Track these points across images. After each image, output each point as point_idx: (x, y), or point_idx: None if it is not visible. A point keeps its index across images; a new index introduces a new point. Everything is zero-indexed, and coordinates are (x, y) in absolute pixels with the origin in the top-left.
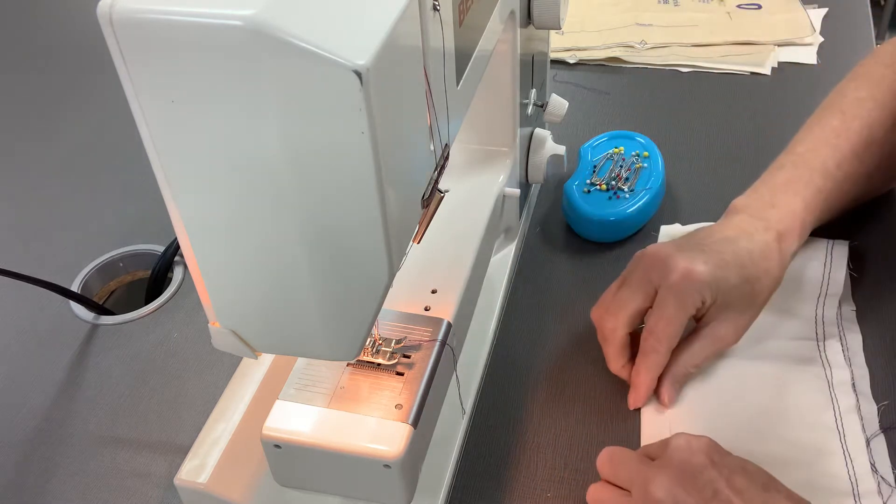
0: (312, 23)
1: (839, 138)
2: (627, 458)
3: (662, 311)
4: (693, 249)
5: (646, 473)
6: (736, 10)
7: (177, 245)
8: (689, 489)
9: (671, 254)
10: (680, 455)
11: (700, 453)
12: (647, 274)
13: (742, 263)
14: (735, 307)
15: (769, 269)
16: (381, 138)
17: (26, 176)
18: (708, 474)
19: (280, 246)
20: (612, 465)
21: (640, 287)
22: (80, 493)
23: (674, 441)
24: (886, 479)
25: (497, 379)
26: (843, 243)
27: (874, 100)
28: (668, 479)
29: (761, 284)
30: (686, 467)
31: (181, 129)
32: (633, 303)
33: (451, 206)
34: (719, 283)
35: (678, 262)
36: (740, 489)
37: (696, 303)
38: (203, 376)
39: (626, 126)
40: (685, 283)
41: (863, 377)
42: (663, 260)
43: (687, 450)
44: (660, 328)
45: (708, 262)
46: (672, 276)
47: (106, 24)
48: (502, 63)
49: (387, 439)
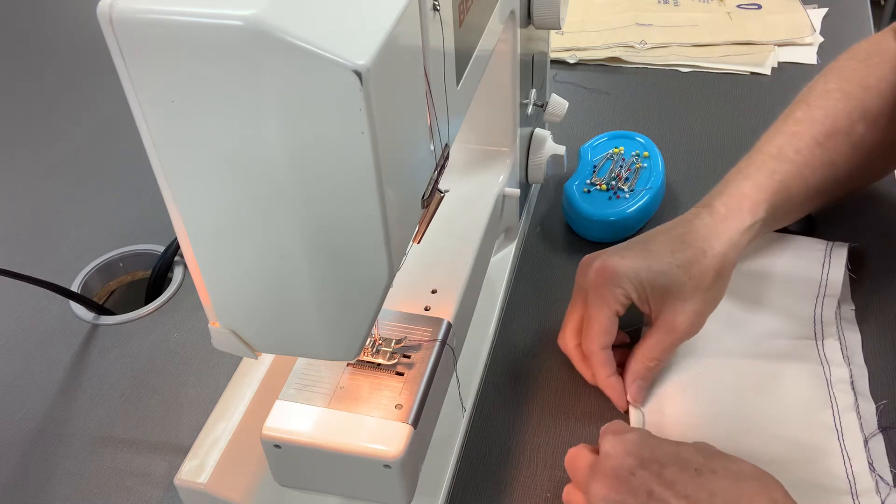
0: (313, 23)
1: (799, 126)
2: (579, 460)
3: (589, 312)
4: (619, 248)
5: (587, 478)
6: (736, 10)
7: (177, 245)
8: (623, 494)
9: (593, 256)
10: (610, 462)
11: (628, 456)
12: (577, 282)
13: (671, 249)
14: (675, 294)
15: (708, 248)
16: (381, 138)
17: (26, 176)
18: (639, 476)
19: (280, 246)
20: (571, 468)
21: (575, 298)
22: (80, 493)
23: (603, 447)
24: (884, 478)
25: (497, 379)
26: (843, 245)
27: (841, 91)
28: (602, 488)
29: (701, 266)
30: (616, 472)
31: (181, 129)
32: (573, 315)
33: (451, 206)
34: (639, 272)
35: (594, 261)
36: (672, 482)
37: (618, 297)
38: (203, 376)
39: (626, 126)
40: (601, 279)
41: (861, 377)
42: (585, 264)
43: (615, 455)
44: (588, 328)
45: (625, 256)
46: (590, 275)
47: (106, 24)
48: (502, 63)
49: (387, 439)
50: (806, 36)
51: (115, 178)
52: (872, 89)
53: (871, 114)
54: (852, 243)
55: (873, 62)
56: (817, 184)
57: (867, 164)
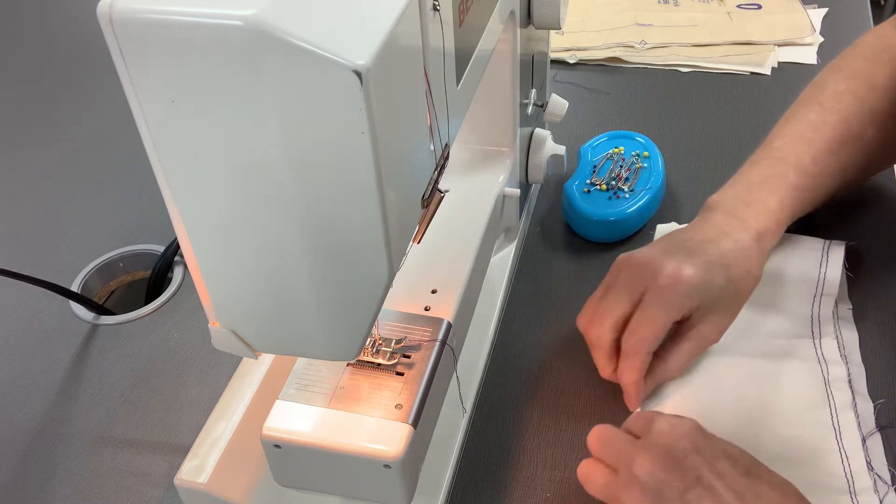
0: (313, 23)
1: (815, 132)
2: (614, 436)
3: (647, 313)
4: (679, 252)
5: (630, 454)
6: (736, 10)
7: (177, 245)
8: (672, 473)
9: (657, 257)
10: (663, 439)
11: (684, 438)
12: (634, 278)
13: (726, 264)
14: (720, 308)
15: (751, 268)
16: (381, 138)
17: (26, 176)
18: (692, 460)
19: (280, 246)
20: (601, 443)
21: (625, 292)
22: (80, 493)
23: (657, 424)
24: (882, 477)
25: (497, 379)
26: (840, 244)
27: (852, 93)
28: (650, 463)
29: (743, 284)
30: (669, 451)
31: (181, 129)
32: (618, 309)
33: (451, 206)
34: (707, 286)
35: (666, 265)
36: (723, 474)
37: (684, 308)
38: (203, 376)
39: (626, 126)
40: (674, 287)
41: (859, 375)
42: (650, 264)
43: (670, 434)
44: (643, 329)
45: (696, 265)
46: (660, 279)
47: (106, 24)
48: (502, 63)
49: (387, 439)
50: (806, 36)
51: (115, 178)
52: (880, 90)
53: (880, 116)
54: (850, 242)
55: (880, 60)
56: (828, 192)
57: (873, 164)
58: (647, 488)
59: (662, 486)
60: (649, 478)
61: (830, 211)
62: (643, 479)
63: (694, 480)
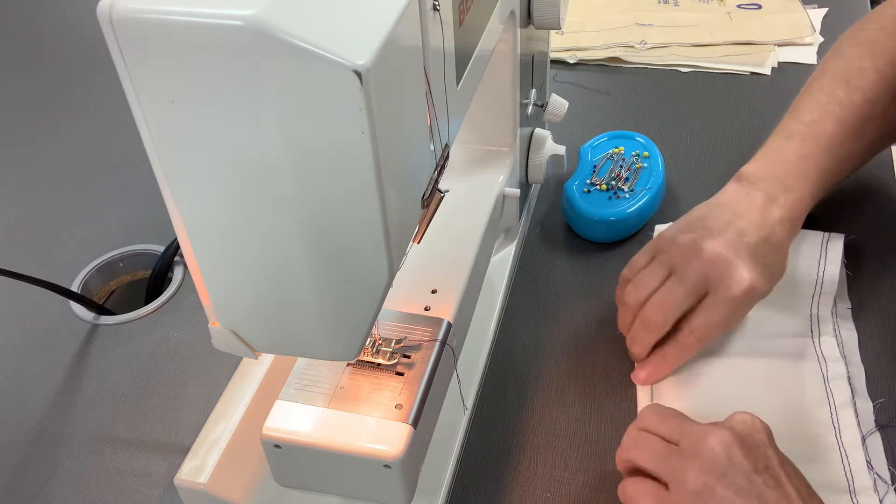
0: (313, 23)
1: (843, 111)
2: (679, 414)
3: (713, 318)
4: (745, 254)
5: (703, 429)
6: (736, 10)
7: (177, 245)
8: (746, 453)
9: (732, 260)
10: (743, 427)
11: (761, 432)
12: (707, 276)
13: (773, 263)
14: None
15: (784, 263)
16: (381, 138)
17: (26, 176)
18: (765, 450)
19: (280, 246)
20: (662, 418)
21: (696, 288)
22: (80, 493)
23: (737, 415)
24: (882, 476)
25: (497, 379)
26: (839, 236)
27: (877, 71)
28: (728, 438)
29: (779, 279)
30: (747, 437)
31: (181, 129)
32: (686, 303)
33: (451, 206)
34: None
35: (743, 273)
36: (790, 473)
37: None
38: (203, 376)
39: (626, 126)
40: (747, 299)
41: (858, 374)
42: (726, 266)
43: (751, 425)
44: (706, 332)
45: (763, 274)
46: (735, 288)
47: (106, 24)
48: (502, 63)
49: (387, 439)
50: (806, 36)
51: (115, 178)
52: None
53: None
54: (849, 235)
55: None
56: (848, 173)
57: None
58: (716, 458)
59: (734, 460)
60: (724, 451)
61: (829, 207)
62: (716, 451)
63: (763, 467)
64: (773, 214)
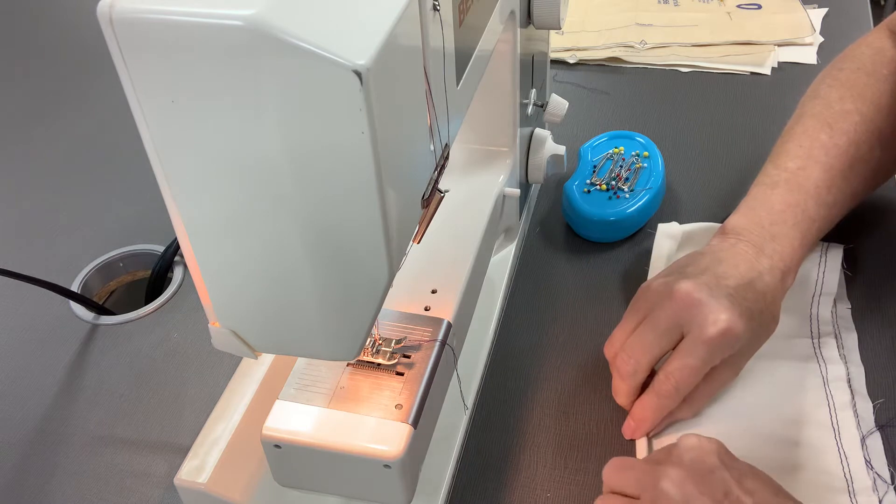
0: (313, 23)
1: (828, 155)
2: (634, 463)
3: (689, 362)
4: (720, 293)
5: (656, 472)
6: (736, 10)
7: (177, 245)
8: (700, 487)
9: (705, 301)
10: (691, 454)
11: (712, 454)
12: (679, 318)
13: (760, 310)
14: (745, 352)
15: (775, 314)
16: (381, 138)
17: (26, 176)
18: (720, 474)
19: (280, 246)
20: (620, 472)
21: (668, 331)
22: (80, 493)
23: (684, 441)
24: (882, 476)
25: (497, 379)
26: (838, 246)
27: (860, 113)
28: (679, 476)
29: (768, 329)
30: (697, 466)
31: (181, 129)
32: (658, 347)
33: (451, 206)
34: (748, 336)
35: (717, 313)
36: (752, 490)
37: (724, 357)
38: (203, 376)
39: (626, 126)
40: (722, 340)
41: (859, 375)
42: (698, 307)
43: (698, 449)
44: (683, 377)
45: (742, 316)
46: (710, 329)
47: (106, 24)
48: (502, 63)
49: (387, 439)
50: (806, 36)
51: (115, 178)
52: (884, 108)
53: (885, 135)
54: (848, 244)
55: (881, 75)
56: (838, 216)
57: (877, 182)
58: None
59: (691, 500)
60: (678, 491)
61: None
62: (671, 494)
63: (723, 495)
64: (761, 264)
